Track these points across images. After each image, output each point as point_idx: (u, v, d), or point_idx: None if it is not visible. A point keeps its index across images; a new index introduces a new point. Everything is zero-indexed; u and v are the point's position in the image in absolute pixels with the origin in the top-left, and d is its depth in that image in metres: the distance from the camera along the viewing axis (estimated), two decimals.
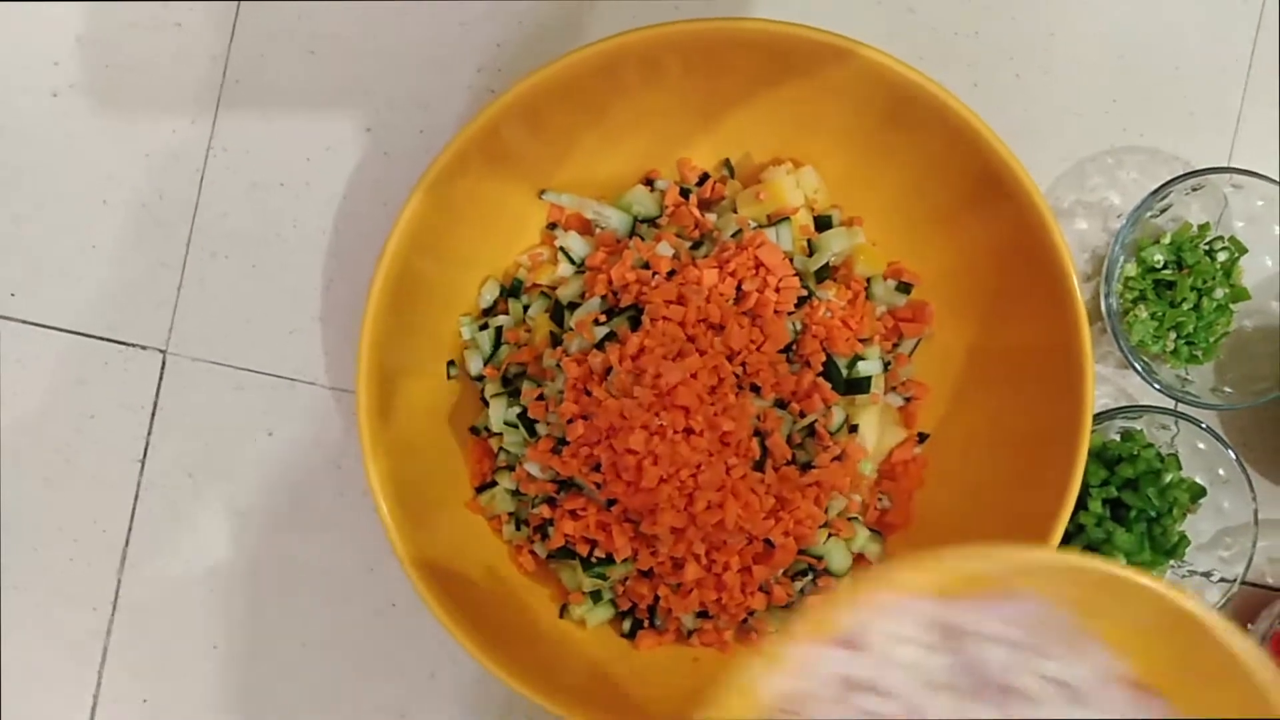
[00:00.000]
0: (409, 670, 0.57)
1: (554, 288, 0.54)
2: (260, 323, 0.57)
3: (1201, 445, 0.54)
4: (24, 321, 0.57)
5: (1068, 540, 0.53)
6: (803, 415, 0.51)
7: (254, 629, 0.57)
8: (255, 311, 0.57)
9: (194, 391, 0.57)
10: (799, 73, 0.50)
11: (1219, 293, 0.55)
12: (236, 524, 0.57)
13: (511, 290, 0.55)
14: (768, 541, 0.50)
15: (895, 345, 0.54)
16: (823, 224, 0.54)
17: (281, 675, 0.57)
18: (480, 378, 0.54)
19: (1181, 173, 0.54)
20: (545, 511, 0.52)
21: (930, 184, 0.52)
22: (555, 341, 0.52)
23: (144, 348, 0.57)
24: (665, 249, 0.52)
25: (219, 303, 0.57)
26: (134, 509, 0.57)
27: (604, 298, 0.52)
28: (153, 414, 0.57)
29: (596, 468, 0.50)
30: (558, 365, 0.51)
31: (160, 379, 0.57)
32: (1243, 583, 0.53)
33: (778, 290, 0.51)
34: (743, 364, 0.50)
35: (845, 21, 0.49)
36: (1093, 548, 0.53)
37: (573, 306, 0.52)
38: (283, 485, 0.57)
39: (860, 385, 0.52)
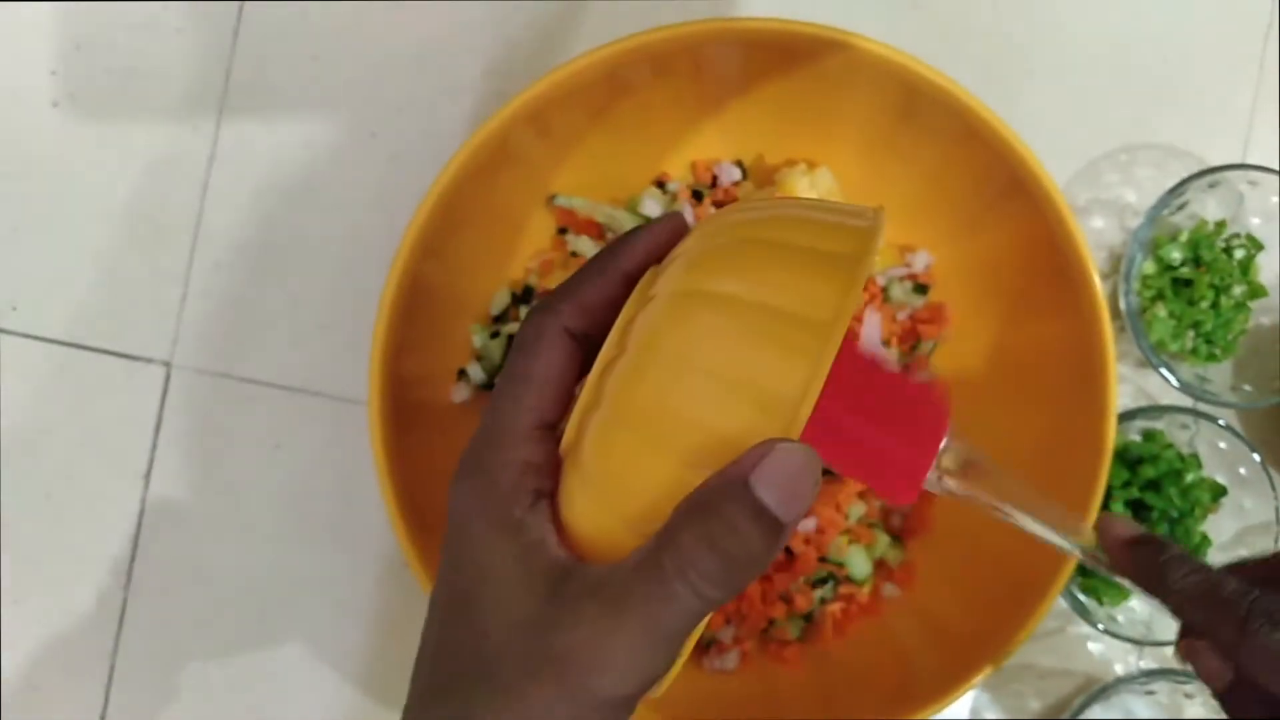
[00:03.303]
0: None
1: None
2: (266, 333, 0.56)
3: (1222, 444, 0.53)
4: (25, 335, 0.56)
5: None
6: None
7: (263, 646, 0.56)
8: (260, 322, 0.56)
9: (199, 404, 0.56)
10: (810, 71, 0.49)
11: (1237, 290, 0.54)
12: (244, 539, 0.56)
13: (522, 296, 0.54)
14: (788, 549, 0.50)
15: (913, 348, 0.54)
16: None
17: (292, 693, 0.56)
18: (487, 386, 0.53)
19: (1197, 169, 0.53)
20: None
21: (947, 183, 0.51)
22: None
23: (148, 360, 0.56)
24: None
25: (223, 313, 0.56)
26: (139, 525, 0.56)
27: None
28: (157, 428, 0.56)
29: None
30: None
31: (164, 392, 0.56)
32: None
33: None
34: None
35: (852, 19, 0.48)
36: None
37: None
38: (291, 498, 0.56)
39: None
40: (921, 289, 0.53)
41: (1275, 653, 0.34)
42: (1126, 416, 0.53)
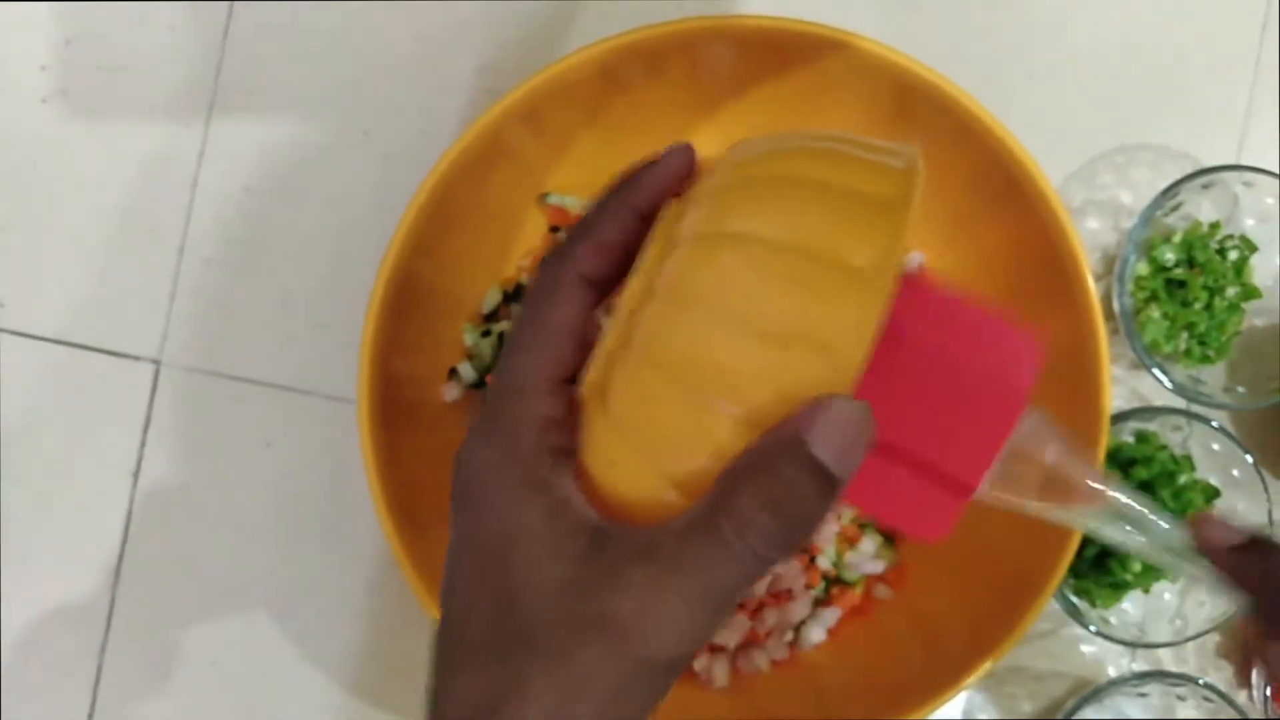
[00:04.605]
0: (413, 685, 0.56)
1: None
2: (256, 331, 0.55)
3: (1216, 446, 0.53)
4: (13, 332, 0.56)
5: (1083, 545, 0.52)
6: None
7: (252, 646, 0.55)
8: (251, 320, 0.55)
9: (189, 402, 0.55)
10: (806, 70, 0.49)
11: (1230, 291, 0.54)
12: (234, 538, 0.55)
13: (514, 295, 0.54)
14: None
15: None
16: None
17: (281, 693, 0.55)
18: (478, 385, 0.53)
19: (1191, 170, 0.53)
20: None
21: (942, 182, 0.51)
22: None
23: (137, 358, 0.56)
24: None
25: (213, 311, 0.55)
26: (128, 524, 0.56)
27: None
28: (146, 426, 0.56)
29: None
30: None
31: (154, 390, 0.56)
32: None
33: None
34: None
35: (849, 18, 0.48)
36: (1108, 552, 0.52)
37: None
38: (281, 497, 0.55)
39: None
40: None
41: None
42: (1120, 418, 0.53)
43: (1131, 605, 0.55)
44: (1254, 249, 0.55)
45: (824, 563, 0.52)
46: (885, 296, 0.27)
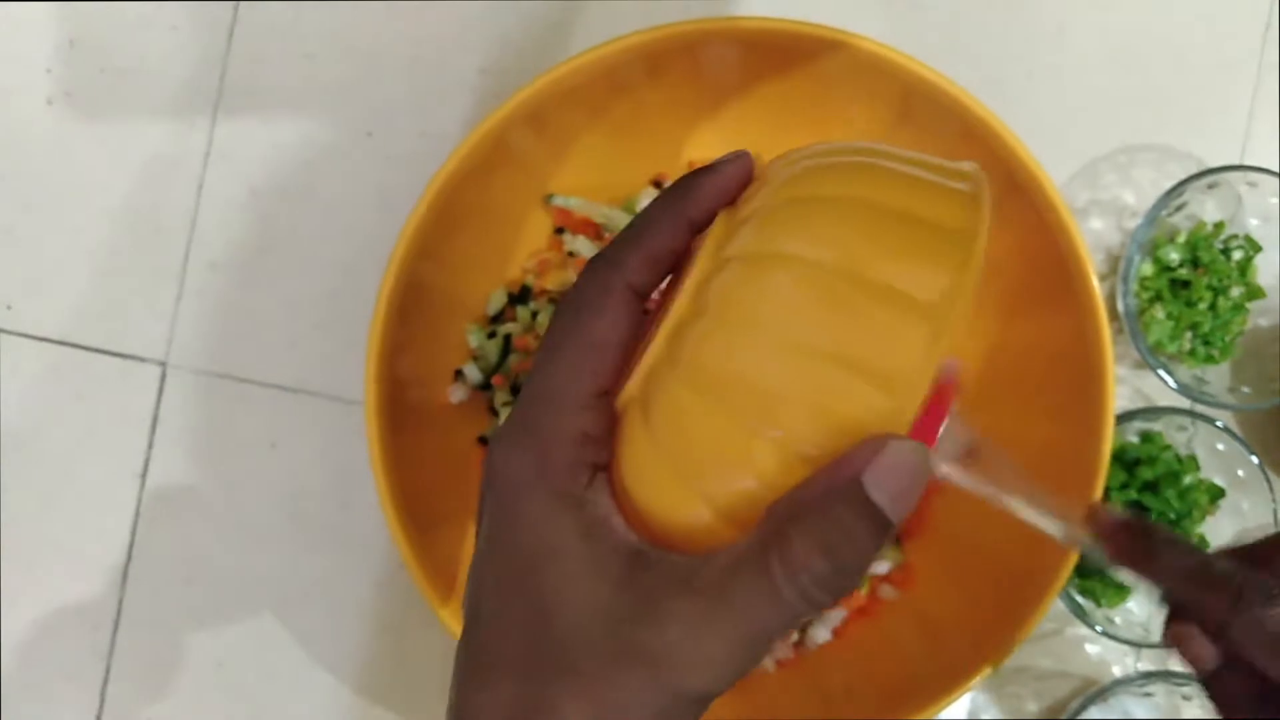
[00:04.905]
0: (420, 688, 0.56)
1: (563, 292, 0.53)
2: (262, 333, 0.56)
3: (1220, 446, 0.53)
4: (20, 334, 0.56)
5: None
6: None
7: (259, 647, 0.55)
8: (256, 322, 0.56)
9: (195, 404, 0.56)
10: (808, 71, 0.49)
11: (1235, 291, 0.54)
12: (240, 539, 0.55)
13: (519, 296, 0.54)
14: None
15: None
16: None
17: (288, 695, 0.56)
18: (484, 386, 0.53)
19: (1195, 170, 0.53)
20: None
21: None
22: None
23: (143, 360, 0.56)
24: None
25: (219, 313, 0.56)
26: (135, 524, 0.56)
27: None
28: (153, 427, 0.56)
29: None
30: None
31: (160, 391, 0.56)
32: None
33: None
34: None
35: (851, 19, 0.48)
36: None
37: None
38: (288, 499, 0.56)
39: None
40: None
41: (1267, 628, 0.33)
42: (1124, 418, 0.53)
43: (1136, 605, 0.55)
44: (1258, 249, 0.55)
45: None
46: (950, 336, 0.26)
